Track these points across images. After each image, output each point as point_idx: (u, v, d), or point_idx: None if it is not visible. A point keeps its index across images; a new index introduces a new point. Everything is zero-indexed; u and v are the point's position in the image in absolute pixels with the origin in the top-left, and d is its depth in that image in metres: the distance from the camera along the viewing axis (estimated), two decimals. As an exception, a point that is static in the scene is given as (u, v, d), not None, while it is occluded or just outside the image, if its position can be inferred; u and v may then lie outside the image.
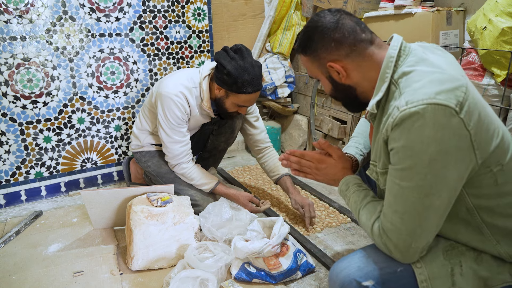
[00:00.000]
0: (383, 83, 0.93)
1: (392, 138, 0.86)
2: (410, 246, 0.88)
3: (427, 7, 1.96)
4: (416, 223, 0.86)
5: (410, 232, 0.87)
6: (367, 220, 0.97)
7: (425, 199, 0.84)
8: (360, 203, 1.02)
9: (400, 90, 0.88)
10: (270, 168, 1.99)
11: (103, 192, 1.72)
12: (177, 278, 1.31)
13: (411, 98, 0.83)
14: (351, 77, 1.00)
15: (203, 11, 2.44)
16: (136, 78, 2.32)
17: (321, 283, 1.45)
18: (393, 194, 0.88)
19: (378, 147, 0.95)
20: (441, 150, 0.81)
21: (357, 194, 1.05)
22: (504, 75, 1.59)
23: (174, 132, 1.79)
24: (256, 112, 2.02)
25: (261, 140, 2.02)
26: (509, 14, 1.51)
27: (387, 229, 0.90)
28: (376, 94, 0.95)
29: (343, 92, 1.04)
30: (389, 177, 0.90)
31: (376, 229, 0.94)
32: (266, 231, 1.56)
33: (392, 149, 0.87)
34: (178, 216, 1.56)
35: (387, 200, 0.91)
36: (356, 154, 1.28)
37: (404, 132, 0.83)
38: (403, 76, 0.91)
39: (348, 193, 1.08)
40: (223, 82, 1.70)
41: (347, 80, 1.01)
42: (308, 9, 2.59)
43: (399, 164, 0.86)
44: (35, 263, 1.58)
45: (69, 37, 2.11)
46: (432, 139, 0.80)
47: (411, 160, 0.83)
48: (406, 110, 0.82)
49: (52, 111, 2.14)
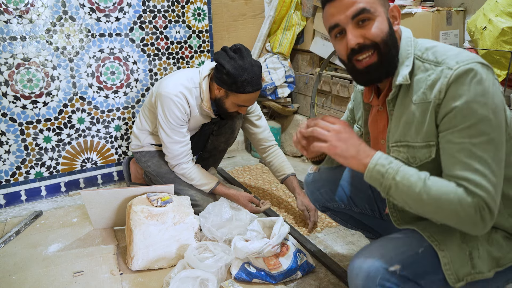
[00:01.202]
0: (406, 58, 0.96)
1: (451, 97, 0.85)
2: (496, 204, 0.84)
3: (427, 7, 1.96)
4: (498, 179, 0.84)
5: (495, 188, 0.84)
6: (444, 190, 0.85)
7: (498, 153, 0.84)
8: (424, 176, 0.88)
9: (437, 59, 0.91)
10: (276, 168, 1.99)
11: (103, 192, 1.72)
12: (177, 278, 1.31)
13: (459, 59, 0.86)
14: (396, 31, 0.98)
15: (203, 11, 2.44)
16: (136, 78, 2.32)
17: (321, 283, 1.45)
18: (467, 155, 0.84)
19: (414, 122, 0.93)
20: (497, 104, 0.84)
21: (409, 168, 0.91)
22: (504, 75, 1.59)
23: (174, 132, 1.79)
24: (258, 111, 2.02)
25: (264, 139, 2.01)
26: (509, 14, 1.51)
27: (479, 191, 0.83)
28: (401, 66, 0.96)
29: (393, 40, 0.95)
30: (455, 140, 0.86)
31: (462, 194, 0.83)
32: (266, 231, 1.56)
33: (451, 110, 0.85)
34: (178, 216, 1.56)
35: (461, 166, 0.85)
36: None
37: (464, 88, 0.84)
38: (427, 51, 0.94)
39: (393, 166, 0.91)
40: (223, 82, 1.69)
41: (396, 28, 0.97)
42: (308, 9, 2.59)
43: (465, 121, 0.84)
44: (35, 263, 1.58)
45: (69, 37, 2.11)
46: (490, 92, 0.84)
47: (478, 114, 0.83)
48: (460, 67, 0.85)
49: (52, 111, 2.14)
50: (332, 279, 1.47)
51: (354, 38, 0.93)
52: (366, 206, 1.34)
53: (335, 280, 1.46)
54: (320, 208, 1.43)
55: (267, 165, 2.05)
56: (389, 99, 0.99)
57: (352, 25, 0.94)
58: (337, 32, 0.97)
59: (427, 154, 0.93)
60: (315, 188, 1.40)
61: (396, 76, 0.97)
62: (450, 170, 0.87)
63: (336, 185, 1.35)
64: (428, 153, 0.93)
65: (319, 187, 1.38)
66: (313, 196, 1.42)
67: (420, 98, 0.92)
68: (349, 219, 1.43)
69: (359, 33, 0.93)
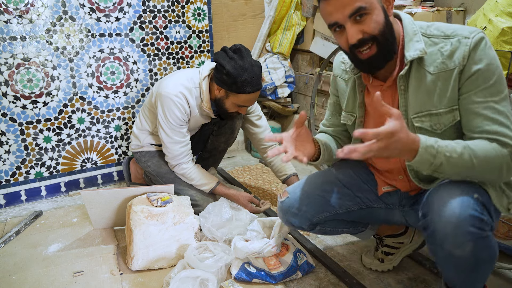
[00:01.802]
0: (414, 34, 1.05)
1: (473, 62, 0.97)
2: None
3: (427, 7, 1.96)
4: None
5: None
6: (486, 150, 0.95)
7: (510, 107, 0.98)
8: (465, 144, 0.96)
9: (444, 33, 1.03)
10: (277, 168, 1.99)
11: (103, 192, 1.72)
12: (177, 278, 1.31)
13: (469, 30, 1.00)
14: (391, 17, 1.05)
15: (203, 11, 2.44)
16: (136, 78, 2.32)
17: (321, 283, 1.45)
18: (492, 112, 0.97)
19: (436, 90, 1.03)
20: (500, 65, 0.99)
21: (449, 142, 0.97)
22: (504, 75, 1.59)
23: (174, 132, 1.79)
24: (258, 111, 2.02)
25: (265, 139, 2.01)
26: (509, 14, 1.51)
27: (506, 141, 0.95)
28: (410, 43, 1.04)
29: (389, 28, 1.02)
30: (479, 100, 0.98)
31: (498, 148, 0.95)
32: (266, 231, 1.56)
33: (474, 73, 0.97)
34: (178, 216, 1.56)
35: (489, 122, 0.97)
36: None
37: (482, 53, 0.97)
38: (429, 28, 1.06)
39: (441, 144, 0.95)
40: (223, 82, 1.69)
41: (390, 12, 1.04)
42: (308, 9, 2.59)
43: (486, 82, 0.97)
44: (35, 263, 1.58)
45: (69, 37, 2.11)
46: (496, 56, 0.99)
47: (496, 74, 0.97)
48: (475, 36, 0.98)
49: (52, 111, 2.14)
50: (332, 279, 1.47)
51: (354, 35, 1.00)
52: (349, 204, 1.33)
53: (335, 280, 1.46)
54: (308, 228, 1.35)
55: (268, 165, 2.05)
56: (402, 74, 1.06)
57: (350, 23, 0.99)
58: (337, 27, 1.04)
59: (451, 118, 1.03)
60: (295, 211, 1.32)
61: (407, 52, 1.04)
62: (479, 127, 0.98)
63: (313, 198, 1.31)
64: (452, 117, 1.03)
65: (299, 209, 1.32)
66: (296, 219, 1.33)
67: (440, 68, 1.02)
68: (338, 224, 1.38)
69: (358, 29, 1.00)
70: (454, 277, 1.02)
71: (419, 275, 1.48)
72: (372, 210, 1.34)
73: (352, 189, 1.33)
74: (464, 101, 1.00)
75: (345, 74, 1.28)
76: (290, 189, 1.37)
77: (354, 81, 1.23)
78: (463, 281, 1.01)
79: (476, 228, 0.91)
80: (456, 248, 0.93)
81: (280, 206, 1.37)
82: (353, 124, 1.28)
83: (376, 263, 1.50)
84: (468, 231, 0.91)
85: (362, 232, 1.45)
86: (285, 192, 1.38)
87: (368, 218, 1.38)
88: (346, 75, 1.27)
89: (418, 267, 1.53)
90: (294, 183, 1.41)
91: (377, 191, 1.33)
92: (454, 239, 0.93)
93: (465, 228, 0.91)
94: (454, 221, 0.92)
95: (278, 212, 1.39)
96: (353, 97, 1.25)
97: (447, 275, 1.05)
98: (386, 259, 1.49)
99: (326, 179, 1.36)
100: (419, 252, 1.57)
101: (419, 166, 0.96)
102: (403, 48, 1.08)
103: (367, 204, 1.33)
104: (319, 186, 1.34)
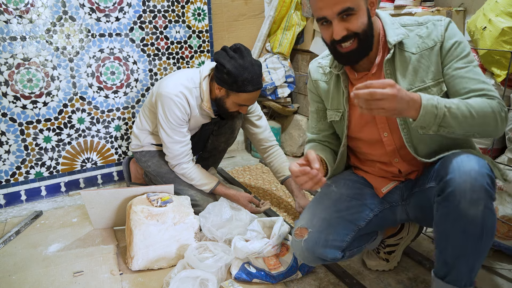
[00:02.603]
0: (392, 24, 1.18)
1: (449, 37, 1.12)
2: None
3: (427, 7, 1.96)
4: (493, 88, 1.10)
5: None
6: (479, 102, 1.05)
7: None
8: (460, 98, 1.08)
9: (417, 21, 1.18)
10: (276, 169, 1.99)
11: (103, 192, 1.72)
12: (177, 278, 1.31)
13: (437, 17, 1.16)
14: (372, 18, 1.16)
15: (203, 11, 2.44)
16: (136, 78, 2.32)
17: (321, 283, 1.45)
18: (473, 74, 1.10)
19: (421, 67, 1.14)
20: None
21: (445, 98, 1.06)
22: (504, 75, 1.59)
23: (174, 132, 1.79)
24: (258, 111, 2.02)
25: (265, 139, 2.01)
26: (509, 14, 1.51)
27: (495, 94, 1.08)
28: (390, 30, 1.17)
29: (370, 26, 1.12)
30: (461, 66, 1.11)
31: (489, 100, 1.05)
32: (266, 231, 1.56)
33: (453, 45, 1.11)
34: (178, 216, 1.56)
35: (473, 82, 1.09)
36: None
37: (455, 31, 1.13)
38: (401, 19, 1.20)
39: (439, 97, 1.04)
40: (224, 82, 1.70)
41: (372, 13, 1.14)
42: (308, 9, 2.59)
43: (463, 51, 1.11)
44: (35, 263, 1.58)
45: (69, 37, 2.11)
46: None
47: (468, 47, 1.12)
48: (445, 19, 1.14)
49: (52, 111, 2.14)
50: (332, 279, 1.47)
51: (339, 32, 1.09)
52: (365, 214, 1.29)
53: (335, 280, 1.46)
54: (341, 255, 1.25)
55: (267, 165, 2.05)
56: (388, 58, 1.16)
57: (337, 20, 1.09)
58: (324, 21, 1.13)
59: (439, 91, 1.13)
60: (324, 243, 1.23)
61: (390, 37, 1.15)
62: (466, 88, 1.09)
63: (335, 223, 1.26)
64: (439, 89, 1.14)
65: (326, 239, 1.23)
66: (327, 252, 1.23)
67: (421, 47, 1.14)
68: (360, 241, 1.32)
69: (344, 27, 1.09)
70: (457, 248, 1.04)
71: (419, 275, 1.48)
72: (383, 214, 1.33)
73: (360, 199, 1.31)
74: (448, 70, 1.12)
75: (324, 76, 1.35)
76: (305, 224, 1.28)
77: (337, 79, 1.29)
78: (464, 254, 1.03)
79: (489, 186, 0.99)
80: (472, 206, 0.98)
81: (304, 246, 1.25)
82: (341, 120, 1.31)
83: (382, 263, 1.50)
84: (484, 187, 0.98)
85: (374, 239, 1.42)
86: (301, 229, 1.28)
87: (381, 224, 1.35)
88: (325, 76, 1.35)
89: (418, 267, 1.53)
90: (300, 216, 1.33)
91: (378, 194, 1.33)
92: (471, 194, 0.98)
93: (482, 182, 0.98)
94: (474, 175, 0.98)
95: (302, 252, 1.26)
96: (337, 94, 1.30)
97: (449, 248, 1.05)
98: (390, 257, 1.50)
99: (334, 198, 1.32)
100: (419, 252, 1.57)
101: (426, 121, 1.01)
102: (384, 36, 1.18)
103: (377, 209, 1.31)
104: (332, 208, 1.29)
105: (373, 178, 1.35)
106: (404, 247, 1.52)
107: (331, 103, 1.33)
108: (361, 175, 1.38)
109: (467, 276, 1.05)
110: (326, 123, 1.41)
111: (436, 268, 1.10)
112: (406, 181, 1.32)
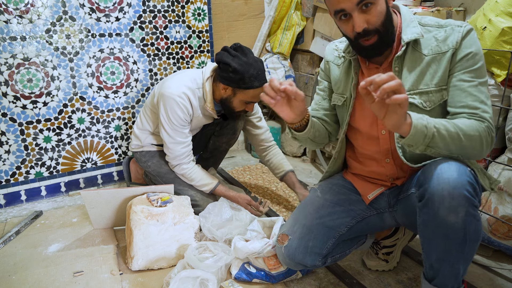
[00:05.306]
0: (411, 21, 1.16)
1: (465, 46, 1.09)
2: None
3: (427, 7, 1.96)
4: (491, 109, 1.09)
5: (491, 116, 1.08)
6: (468, 124, 1.04)
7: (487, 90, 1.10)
8: (448, 120, 1.06)
9: (438, 23, 1.15)
10: (275, 166, 2.00)
11: (103, 192, 1.72)
12: (177, 278, 1.31)
13: (459, 22, 1.12)
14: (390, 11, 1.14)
15: (203, 11, 2.44)
16: (136, 78, 2.32)
17: (321, 283, 1.45)
18: (475, 90, 1.08)
19: (428, 71, 1.13)
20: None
21: (434, 118, 1.04)
22: (504, 75, 1.59)
23: (176, 133, 1.79)
24: (259, 113, 2.04)
25: (265, 140, 2.04)
26: (509, 14, 1.51)
27: (487, 117, 1.06)
28: (408, 28, 1.15)
29: (389, 18, 1.11)
30: (467, 79, 1.09)
31: (477, 123, 1.04)
32: (266, 231, 1.56)
33: (467, 55, 1.09)
34: (178, 216, 1.56)
35: (471, 98, 1.07)
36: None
37: (473, 40, 1.10)
38: (424, 18, 1.18)
39: (428, 117, 1.02)
40: (230, 80, 1.70)
41: (390, 4, 1.13)
42: (308, 9, 2.59)
43: (475, 65, 1.09)
44: (35, 263, 1.58)
45: (69, 37, 2.11)
46: (481, 48, 1.11)
47: (481, 60, 1.09)
48: (466, 26, 1.11)
49: (52, 111, 2.14)
50: (332, 279, 1.47)
51: (360, 24, 1.07)
52: (347, 220, 1.31)
53: (335, 280, 1.46)
54: (321, 263, 1.29)
55: (265, 164, 2.06)
56: (398, 55, 1.15)
57: (357, 11, 1.07)
58: (342, 15, 1.10)
59: (440, 97, 1.13)
60: (303, 249, 1.27)
61: (405, 35, 1.14)
62: (462, 102, 1.08)
63: (315, 229, 1.28)
64: (440, 96, 1.13)
65: (305, 246, 1.27)
66: (307, 258, 1.27)
67: (434, 50, 1.13)
68: (344, 246, 1.36)
69: (364, 18, 1.07)
70: (440, 253, 1.03)
71: (419, 275, 1.48)
72: (368, 220, 1.34)
73: (344, 205, 1.33)
74: (453, 79, 1.11)
75: (338, 59, 1.35)
76: (286, 231, 1.31)
77: (349, 64, 1.29)
78: (448, 259, 1.03)
79: (469, 194, 0.97)
80: (451, 213, 0.97)
81: (284, 252, 1.29)
82: (343, 105, 1.32)
83: (382, 264, 1.51)
84: (464, 194, 0.96)
85: (363, 243, 1.44)
86: (282, 235, 1.32)
87: (366, 229, 1.37)
88: (339, 60, 1.34)
89: (418, 267, 1.53)
90: (286, 222, 1.35)
91: (364, 201, 1.34)
92: (450, 202, 0.97)
93: (461, 190, 0.96)
94: (452, 183, 0.97)
95: (284, 258, 1.31)
96: (346, 79, 1.31)
97: (433, 253, 1.05)
98: (388, 258, 1.50)
99: (317, 205, 1.34)
100: (419, 252, 1.57)
101: (415, 139, 1.00)
102: (400, 33, 1.17)
103: (361, 215, 1.33)
104: (313, 214, 1.31)
105: (360, 184, 1.36)
106: (401, 248, 1.52)
107: (338, 87, 1.34)
108: (348, 180, 1.39)
109: (454, 280, 1.05)
110: (330, 104, 1.40)
111: (425, 271, 1.11)
112: (392, 187, 1.31)
